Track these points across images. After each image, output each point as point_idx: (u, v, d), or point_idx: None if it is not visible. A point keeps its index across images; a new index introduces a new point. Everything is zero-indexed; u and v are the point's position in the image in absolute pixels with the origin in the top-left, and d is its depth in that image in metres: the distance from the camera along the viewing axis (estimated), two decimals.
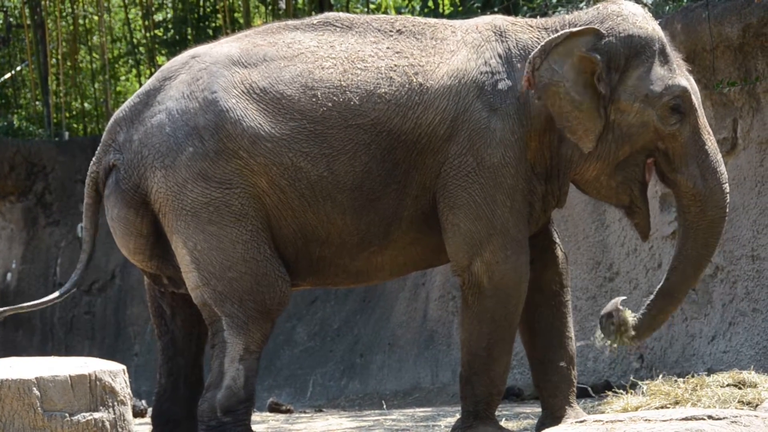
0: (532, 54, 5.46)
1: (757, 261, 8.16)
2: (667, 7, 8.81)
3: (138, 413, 8.14)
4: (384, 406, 9.26)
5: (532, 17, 6.78)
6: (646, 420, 4.32)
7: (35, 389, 4.30)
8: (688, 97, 5.57)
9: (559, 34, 5.48)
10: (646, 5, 8.37)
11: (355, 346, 11.11)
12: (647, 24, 5.60)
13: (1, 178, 12.88)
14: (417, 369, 10.44)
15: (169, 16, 15.43)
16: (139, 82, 15.20)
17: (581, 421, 4.54)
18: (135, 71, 15.80)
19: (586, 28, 5.50)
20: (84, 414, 4.35)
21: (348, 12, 9.80)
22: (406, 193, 5.51)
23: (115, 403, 4.43)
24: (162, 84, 5.61)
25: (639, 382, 6.59)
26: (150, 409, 6.55)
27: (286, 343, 11.48)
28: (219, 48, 5.67)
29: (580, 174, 5.66)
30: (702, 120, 5.64)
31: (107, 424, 4.40)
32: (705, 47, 8.29)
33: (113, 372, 4.45)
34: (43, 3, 14.45)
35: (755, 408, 5.62)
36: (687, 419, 4.28)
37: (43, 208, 13.01)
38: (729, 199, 5.67)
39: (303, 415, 8.81)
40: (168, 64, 5.76)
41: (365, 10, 14.26)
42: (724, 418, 4.29)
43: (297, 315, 11.54)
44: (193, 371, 5.81)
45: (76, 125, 15.14)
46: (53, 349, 12.29)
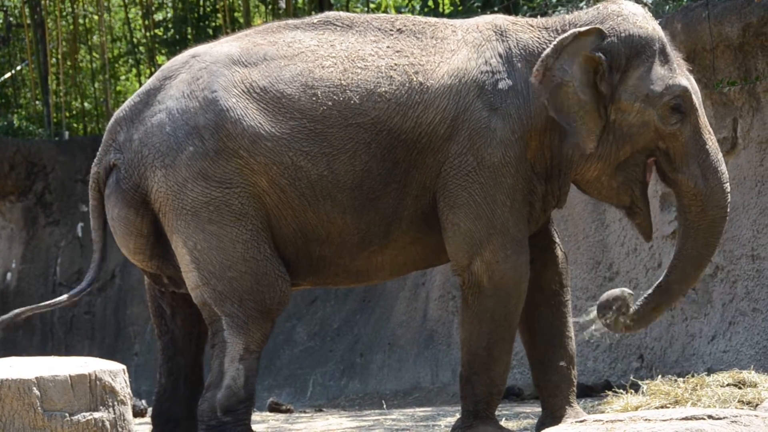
0: (545, 53, 5.43)
1: (757, 261, 8.16)
2: (667, 7, 8.81)
3: (138, 413, 8.14)
4: (384, 405, 9.25)
5: (532, 17, 6.78)
6: (646, 420, 4.32)
7: (35, 389, 4.29)
8: (688, 97, 5.57)
9: (568, 34, 5.46)
10: (646, 5, 8.37)
11: (355, 345, 11.10)
12: (647, 24, 5.60)
13: (1, 177, 12.86)
14: (417, 369, 10.43)
15: (169, 15, 15.43)
16: (139, 81, 15.19)
17: (581, 421, 4.54)
18: (135, 71, 15.80)
19: (591, 28, 5.48)
20: (84, 414, 4.35)
21: (348, 11, 9.80)
22: (406, 193, 5.51)
23: (115, 403, 4.43)
24: (162, 83, 5.61)
25: (639, 381, 6.59)
26: (150, 409, 6.55)
27: (286, 343, 11.48)
28: (219, 47, 5.66)
29: (581, 174, 5.65)
30: (703, 119, 5.63)
31: (107, 423, 4.39)
32: (705, 47, 8.29)
33: (113, 372, 4.45)
34: (43, 2, 14.44)
35: (755, 408, 5.61)
36: (687, 419, 4.27)
37: (43, 207, 12.99)
38: (730, 199, 5.67)
39: (303, 415, 8.80)
40: (168, 63, 5.76)
41: (365, 9, 14.26)
42: (724, 417, 4.28)
43: (297, 315, 11.53)
44: (193, 371, 5.81)
45: (76, 125, 15.13)
46: (53, 349, 12.28)
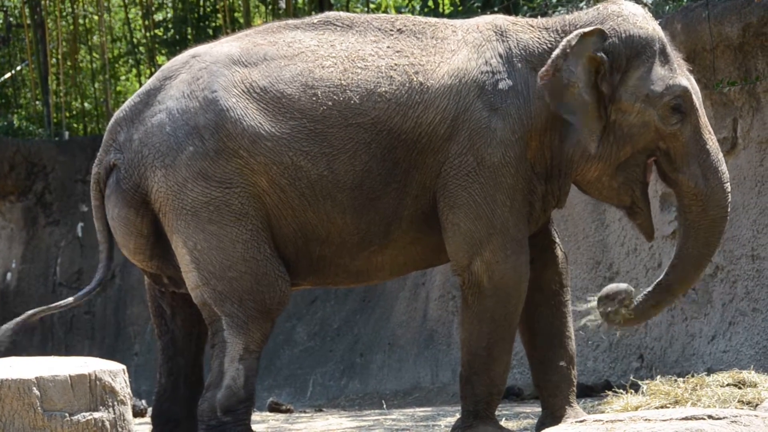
0: (555, 54, 5.40)
1: (757, 261, 8.15)
2: (667, 7, 8.81)
3: (138, 413, 8.14)
4: (384, 405, 9.25)
5: (532, 17, 6.78)
6: (646, 420, 4.31)
7: (35, 389, 4.29)
8: (688, 97, 5.57)
9: (574, 34, 5.44)
10: (646, 5, 8.37)
11: (355, 345, 11.10)
12: (647, 24, 5.60)
13: (1, 177, 12.86)
14: (417, 369, 10.43)
15: (169, 15, 15.42)
16: (139, 81, 15.19)
17: (581, 421, 4.53)
18: (135, 71, 15.79)
19: (594, 28, 5.48)
20: (84, 414, 4.35)
21: (348, 11, 9.80)
22: (406, 193, 5.51)
23: (115, 403, 4.43)
24: (162, 83, 5.61)
25: (639, 381, 6.58)
26: (150, 409, 6.55)
27: (286, 343, 11.48)
28: (219, 47, 5.66)
29: (581, 175, 5.65)
30: (703, 119, 5.63)
31: (107, 423, 4.39)
32: (705, 47, 8.29)
33: (113, 372, 4.45)
34: (43, 2, 14.44)
35: (755, 408, 5.61)
36: (687, 419, 4.27)
37: (43, 207, 12.99)
38: (730, 199, 5.67)
39: (303, 415, 8.80)
40: (168, 63, 5.76)
41: (365, 9, 14.26)
42: (724, 417, 4.28)
43: (297, 315, 11.53)
44: (193, 371, 5.81)
45: (76, 125, 15.13)
46: (53, 349, 12.28)
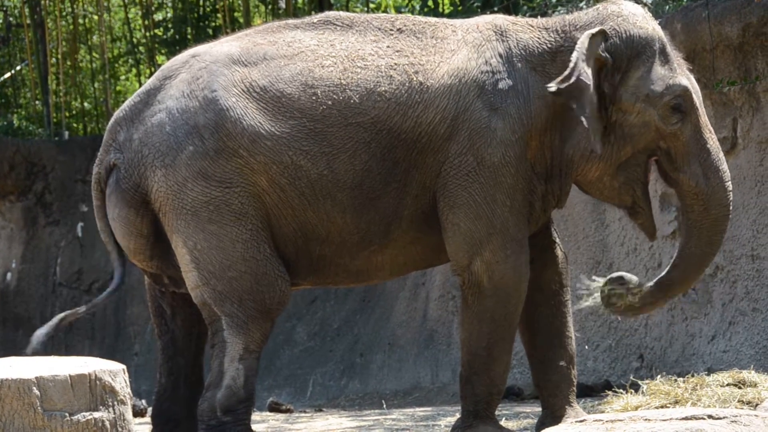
0: (576, 58, 5.39)
1: (757, 260, 8.15)
2: (667, 7, 8.81)
3: (138, 413, 8.14)
4: (384, 405, 9.25)
5: (532, 17, 6.78)
6: (646, 419, 4.31)
7: (35, 389, 4.29)
8: (689, 97, 5.57)
9: (585, 36, 5.45)
10: (646, 5, 8.37)
11: (355, 345, 11.10)
12: (647, 24, 5.60)
13: (1, 177, 12.86)
14: (417, 369, 10.43)
15: (169, 15, 15.42)
16: (139, 81, 15.19)
17: (581, 421, 4.53)
18: (135, 71, 15.79)
19: (599, 29, 5.48)
20: (84, 413, 4.34)
21: (348, 11, 9.79)
22: (406, 192, 5.51)
23: (115, 403, 4.43)
24: (162, 83, 5.61)
25: (639, 381, 6.58)
26: (150, 409, 6.55)
27: (286, 343, 11.48)
28: (219, 47, 5.66)
29: (582, 175, 5.65)
30: (703, 119, 5.63)
31: (107, 423, 4.39)
32: (705, 47, 8.29)
33: (113, 372, 4.44)
34: (43, 2, 14.44)
35: (755, 408, 5.61)
36: (687, 419, 4.27)
37: (43, 207, 12.99)
38: (732, 197, 5.67)
39: (303, 415, 8.80)
40: (168, 63, 5.76)
41: (365, 9, 14.26)
42: (724, 417, 4.28)
43: (297, 315, 11.53)
44: (193, 371, 5.81)
45: (76, 125, 15.13)
46: (53, 349, 12.23)
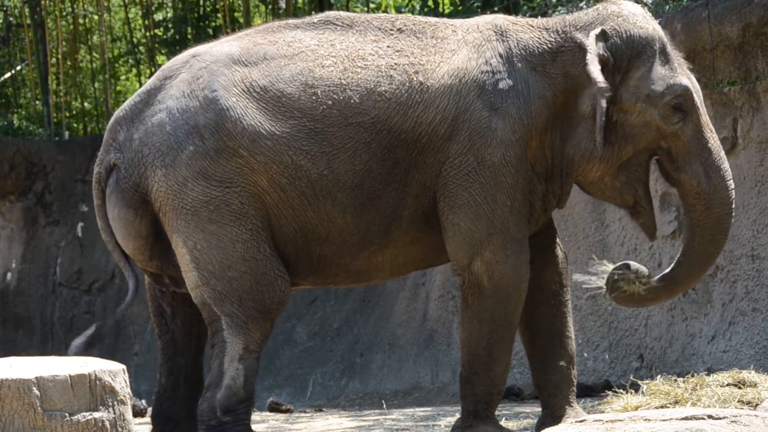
0: (597, 59, 5.42)
1: (757, 261, 8.15)
2: (667, 7, 8.81)
3: (138, 413, 8.13)
4: (384, 405, 9.25)
5: (532, 17, 6.78)
6: (646, 420, 4.32)
7: (35, 389, 4.29)
8: (689, 96, 5.57)
9: (592, 36, 5.46)
10: (646, 5, 8.37)
11: (355, 345, 11.10)
12: (647, 24, 5.60)
13: (1, 177, 12.86)
14: (417, 369, 10.43)
15: (169, 15, 15.42)
16: (139, 81, 15.19)
17: (581, 421, 4.53)
18: (135, 71, 15.79)
19: (601, 29, 5.49)
20: (84, 414, 4.34)
21: (348, 11, 9.79)
22: (406, 192, 5.51)
23: (115, 403, 4.42)
24: (162, 83, 5.61)
25: (639, 381, 6.58)
26: (150, 409, 6.55)
27: (286, 343, 11.47)
28: (219, 47, 5.66)
29: (583, 175, 5.65)
30: (704, 118, 5.63)
31: (107, 423, 4.39)
32: (705, 47, 8.29)
33: (113, 372, 4.44)
34: (43, 2, 14.44)
35: (755, 408, 5.61)
36: (687, 419, 4.27)
37: (43, 207, 12.99)
38: (734, 195, 5.66)
39: (303, 415, 8.80)
40: (169, 63, 5.76)
41: (365, 9, 14.26)
42: (724, 417, 4.28)
43: (297, 315, 11.52)
44: (193, 371, 5.81)
45: (76, 125, 15.13)
46: (53, 349, 12.27)
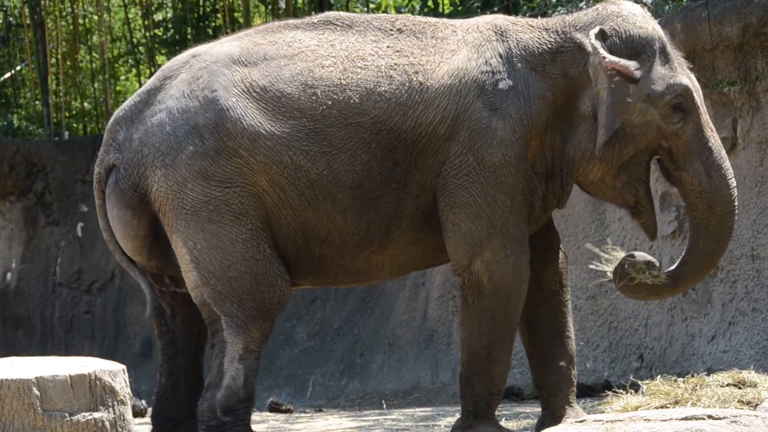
0: (612, 58, 5.42)
1: (757, 261, 8.15)
2: (667, 7, 8.81)
3: (138, 413, 8.14)
4: (384, 405, 9.25)
5: (532, 17, 6.78)
6: (646, 420, 4.32)
7: (35, 389, 4.29)
8: (690, 95, 5.57)
9: (593, 35, 5.47)
10: (645, 5, 8.37)
11: (355, 345, 11.10)
12: (647, 24, 5.60)
13: (1, 177, 12.86)
14: (417, 369, 10.43)
15: (169, 15, 15.42)
16: (139, 81, 15.19)
17: (581, 421, 4.54)
18: (135, 71, 15.79)
19: (601, 29, 5.49)
20: (84, 414, 4.35)
21: (348, 11, 9.80)
22: (406, 192, 5.51)
23: (115, 403, 4.43)
24: (162, 83, 5.61)
25: (639, 381, 6.58)
26: (150, 409, 6.55)
27: (286, 343, 11.47)
28: (219, 47, 5.66)
29: (584, 175, 5.65)
30: (705, 117, 5.64)
31: (107, 423, 4.39)
32: (705, 47, 8.29)
33: (113, 372, 4.45)
34: (43, 2, 14.43)
35: (755, 408, 5.61)
36: (687, 419, 4.27)
37: (43, 207, 12.99)
38: (736, 194, 5.66)
39: (303, 415, 8.80)
40: (168, 63, 5.76)
41: (365, 9, 14.26)
42: (724, 417, 4.28)
43: (297, 315, 11.52)
44: (193, 371, 5.81)
45: (76, 125, 15.12)
46: (53, 349, 12.28)
